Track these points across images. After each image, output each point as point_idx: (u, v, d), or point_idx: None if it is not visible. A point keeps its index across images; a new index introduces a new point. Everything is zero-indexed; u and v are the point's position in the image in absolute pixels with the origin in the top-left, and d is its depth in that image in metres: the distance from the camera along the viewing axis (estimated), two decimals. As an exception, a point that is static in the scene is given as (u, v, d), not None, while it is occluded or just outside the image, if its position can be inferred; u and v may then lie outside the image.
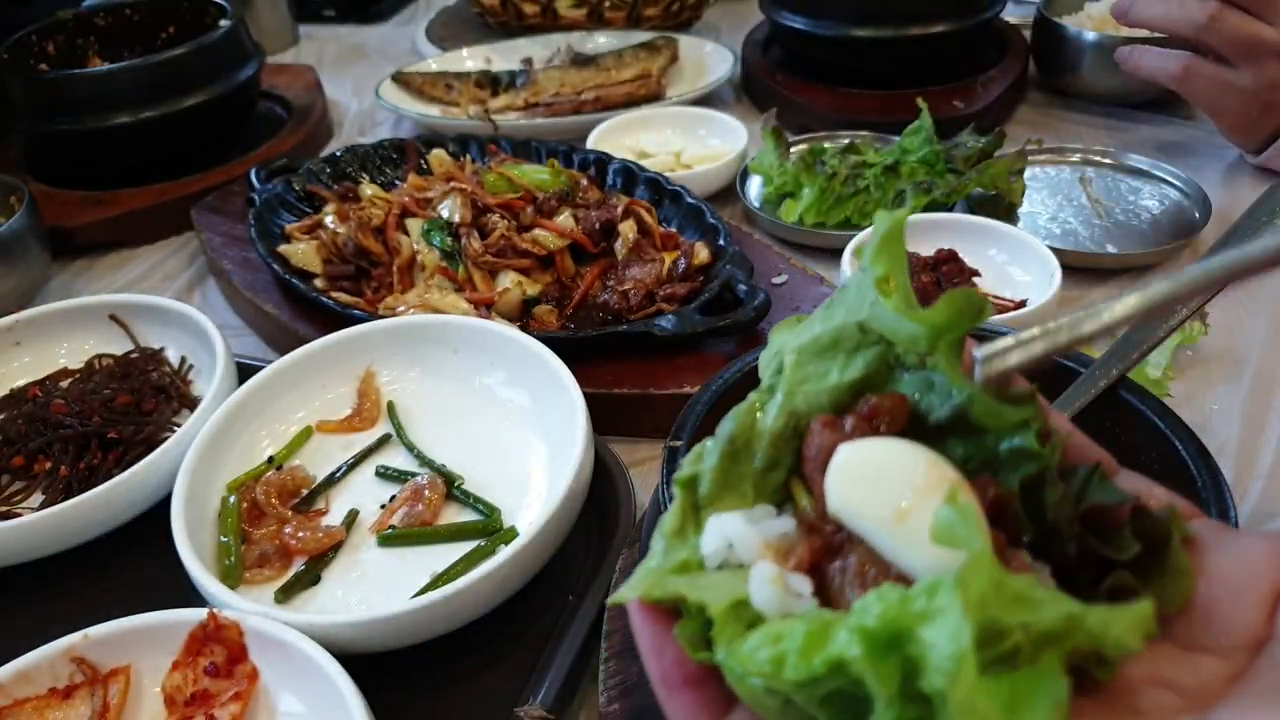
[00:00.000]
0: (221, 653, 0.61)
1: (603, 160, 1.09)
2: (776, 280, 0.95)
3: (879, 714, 0.24)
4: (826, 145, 1.17)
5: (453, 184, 1.00)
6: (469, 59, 1.54)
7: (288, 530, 0.71)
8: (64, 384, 0.87)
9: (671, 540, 0.31)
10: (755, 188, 1.16)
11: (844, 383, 0.31)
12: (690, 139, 1.26)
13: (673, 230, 1.00)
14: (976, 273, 0.92)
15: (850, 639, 0.24)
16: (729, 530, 0.30)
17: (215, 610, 0.61)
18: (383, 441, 0.79)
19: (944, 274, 0.90)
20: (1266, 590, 0.28)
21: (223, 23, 1.28)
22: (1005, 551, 0.27)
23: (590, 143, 1.19)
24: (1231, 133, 1.06)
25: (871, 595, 0.24)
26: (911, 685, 0.23)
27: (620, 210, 0.97)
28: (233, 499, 0.72)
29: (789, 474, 0.32)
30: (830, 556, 0.28)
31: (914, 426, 0.30)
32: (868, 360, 0.31)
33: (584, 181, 1.04)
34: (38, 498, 0.78)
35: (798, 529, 0.30)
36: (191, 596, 0.64)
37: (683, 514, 0.32)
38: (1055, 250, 0.90)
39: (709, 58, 1.47)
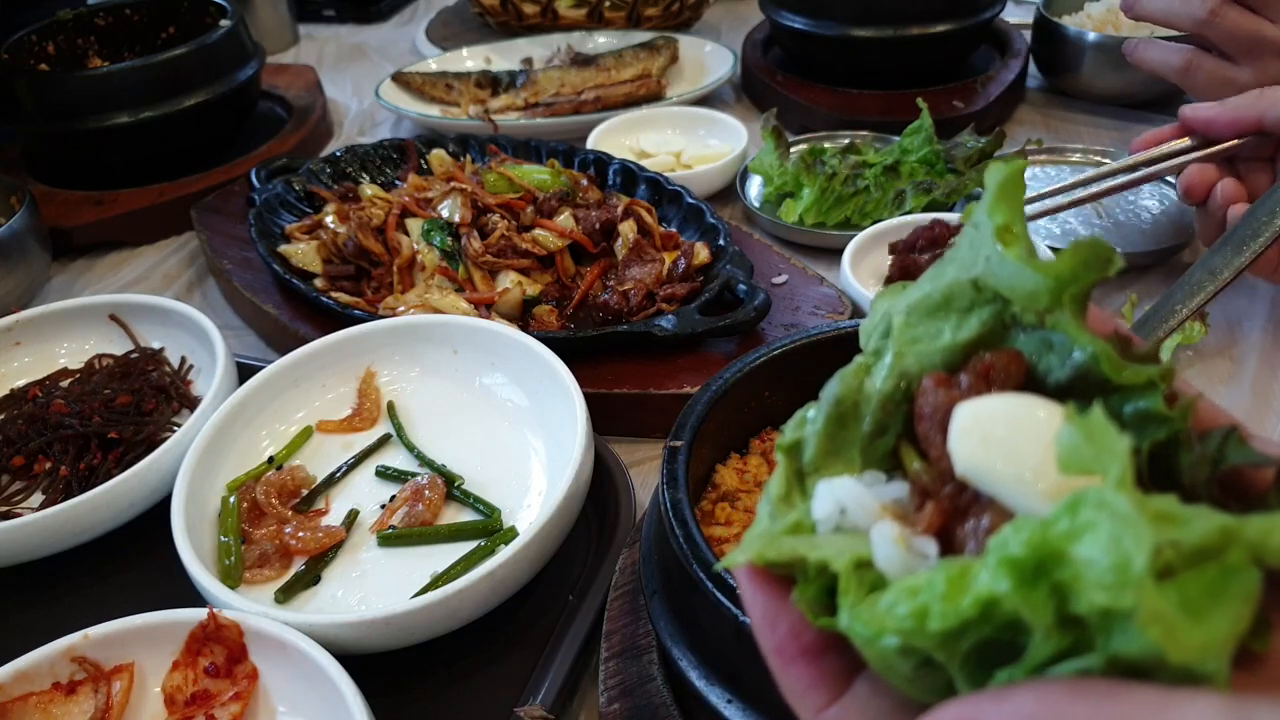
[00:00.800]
0: (221, 653, 0.61)
1: (603, 160, 1.09)
2: (776, 280, 0.95)
3: (1035, 648, 0.23)
4: (826, 145, 1.17)
5: (453, 184, 1.00)
6: (469, 59, 1.54)
7: (288, 530, 0.71)
8: (64, 384, 0.87)
9: (778, 506, 0.30)
10: (755, 188, 1.16)
11: (958, 342, 0.29)
12: (690, 139, 1.26)
13: (673, 230, 1.00)
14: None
15: (996, 573, 0.22)
16: (841, 494, 0.28)
17: (215, 610, 0.61)
18: (383, 441, 0.79)
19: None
20: None
21: (223, 23, 1.28)
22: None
23: (590, 143, 1.19)
24: None
25: (1007, 529, 0.23)
26: (1064, 612, 0.22)
27: (620, 210, 0.97)
28: (233, 499, 0.72)
29: (897, 439, 0.30)
30: (959, 519, 0.27)
31: (1031, 388, 0.28)
32: (982, 319, 0.29)
33: (584, 182, 1.04)
34: (38, 498, 0.78)
35: (911, 494, 0.28)
36: (192, 597, 0.64)
37: (788, 481, 0.30)
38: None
39: (709, 58, 1.47)
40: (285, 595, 0.67)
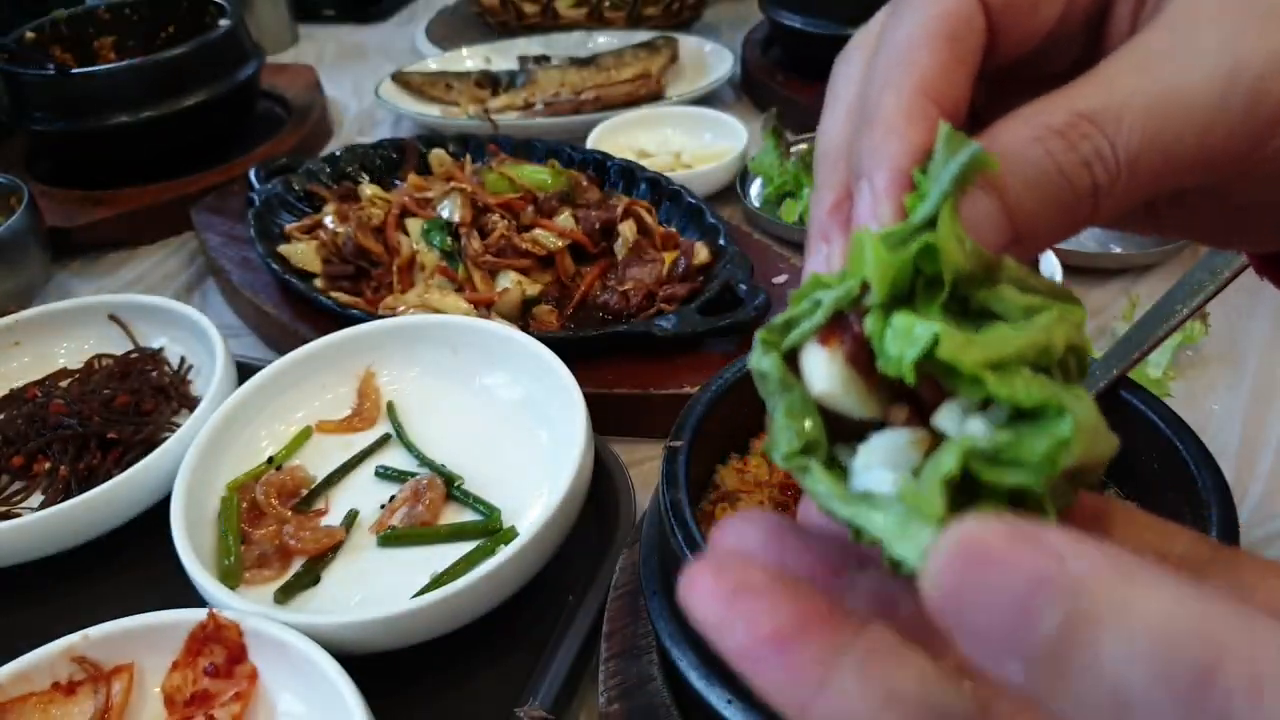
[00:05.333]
0: (221, 653, 0.61)
1: (603, 160, 1.09)
2: (777, 280, 0.95)
3: None
4: (827, 145, 1.17)
5: (452, 184, 1.00)
6: (469, 58, 1.54)
7: (287, 530, 0.71)
8: (64, 384, 0.87)
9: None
10: (756, 188, 1.16)
11: None
12: (691, 139, 1.26)
13: (673, 230, 1.00)
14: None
15: None
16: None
17: (215, 610, 0.60)
18: (382, 441, 0.79)
19: None
20: None
21: (222, 22, 1.28)
22: None
23: (590, 142, 1.19)
24: None
25: None
26: None
27: (620, 210, 0.97)
28: (233, 499, 0.72)
29: None
30: None
31: None
32: None
33: (584, 181, 1.04)
34: (37, 498, 0.78)
35: None
36: (191, 597, 0.64)
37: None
38: (1055, 249, 0.90)
39: (709, 57, 1.47)
40: (285, 596, 0.67)
